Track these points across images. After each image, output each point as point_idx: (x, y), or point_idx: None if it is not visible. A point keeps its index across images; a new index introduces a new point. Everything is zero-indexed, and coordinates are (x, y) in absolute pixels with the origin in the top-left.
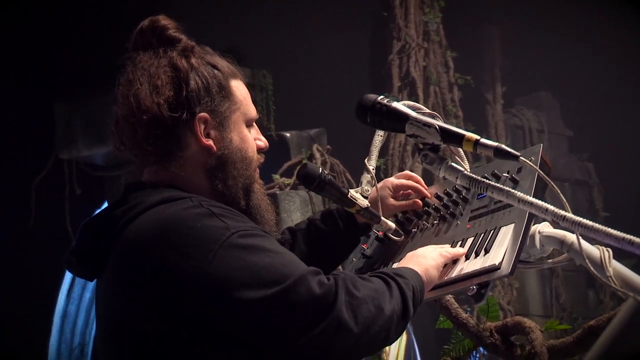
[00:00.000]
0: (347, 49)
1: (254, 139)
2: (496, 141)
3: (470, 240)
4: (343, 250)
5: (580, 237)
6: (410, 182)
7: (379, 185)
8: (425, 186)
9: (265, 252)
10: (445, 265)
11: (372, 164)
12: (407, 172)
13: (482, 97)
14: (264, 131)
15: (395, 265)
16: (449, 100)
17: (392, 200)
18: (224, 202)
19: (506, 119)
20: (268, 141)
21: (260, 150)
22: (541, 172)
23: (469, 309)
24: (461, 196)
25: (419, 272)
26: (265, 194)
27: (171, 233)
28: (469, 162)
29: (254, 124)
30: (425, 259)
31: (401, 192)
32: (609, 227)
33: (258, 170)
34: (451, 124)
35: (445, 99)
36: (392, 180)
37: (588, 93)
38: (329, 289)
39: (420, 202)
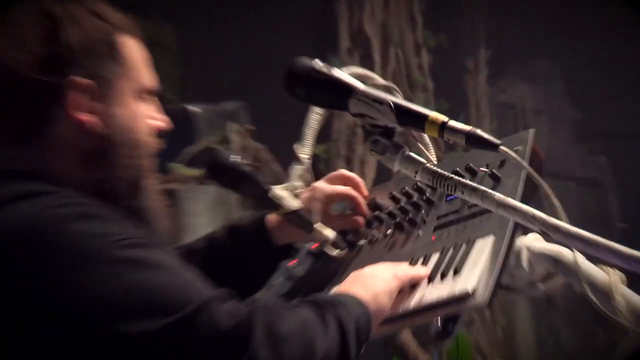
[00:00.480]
0: None
1: (149, 117)
2: (476, 124)
3: (435, 257)
4: (255, 279)
5: (578, 255)
6: (346, 190)
7: (307, 193)
8: (365, 191)
9: (156, 268)
10: (400, 291)
11: (306, 151)
12: (341, 172)
13: (460, 64)
14: (163, 105)
15: (334, 290)
16: (416, 67)
17: (328, 210)
18: (103, 200)
19: (492, 94)
20: (169, 119)
21: (158, 131)
22: (529, 168)
23: (435, 351)
24: (424, 198)
25: (365, 299)
26: (160, 191)
27: (26, 242)
28: (440, 152)
29: (152, 96)
30: (373, 282)
31: (336, 201)
32: (625, 241)
33: (153, 160)
34: (417, 100)
35: (410, 65)
36: (323, 188)
37: (601, 61)
38: (241, 322)
39: (360, 220)
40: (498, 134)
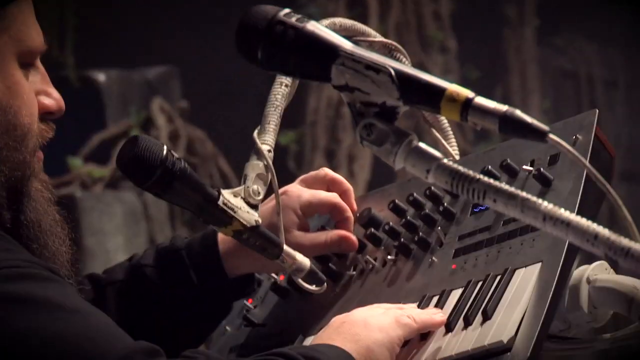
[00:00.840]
0: None
1: (35, 92)
2: (520, 101)
3: (455, 295)
4: (199, 323)
5: None
6: (332, 199)
7: (269, 208)
8: (353, 205)
9: (52, 310)
10: (406, 343)
11: (267, 139)
12: (325, 171)
13: (497, 11)
14: (55, 72)
15: (310, 341)
16: (430, 16)
17: (299, 238)
18: None
19: (543, 57)
20: (64, 94)
21: (47, 114)
22: (590, 167)
23: None
24: (440, 209)
25: (354, 354)
26: (52, 199)
27: None
28: (465, 144)
29: (38, 62)
30: (367, 331)
31: (316, 213)
32: None
33: (41, 155)
34: (433, 65)
35: (422, 14)
36: (299, 193)
37: None
38: None
39: (352, 238)
40: (553, 117)
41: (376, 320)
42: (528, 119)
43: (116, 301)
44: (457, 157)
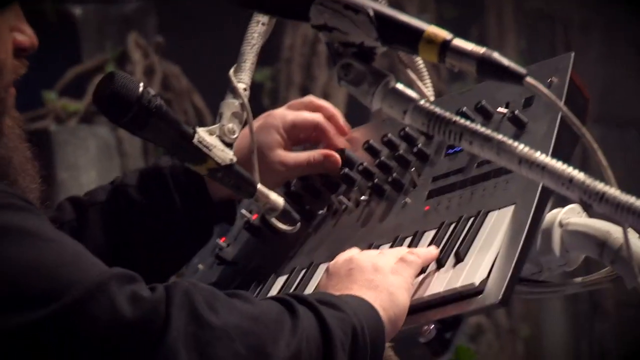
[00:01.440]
0: None
1: (9, 28)
2: (496, 43)
3: (428, 236)
4: (181, 247)
5: (632, 235)
6: (316, 118)
7: (258, 122)
8: (345, 127)
9: (27, 238)
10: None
11: (243, 78)
12: (310, 97)
13: None
14: (31, 6)
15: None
16: None
17: (282, 156)
18: None
19: None
20: (40, 27)
21: (20, 50)
22: (565, 109)
23: None
24: (415, 150)
25: (377, 301)
26: (23, 136)
27: None
28: (441, 84)
29: None
30: (381, 275)
31: (300, 136)
32: None
33: (13, 91)
34: (411, 5)
35: None
36: (283, 113)
37: None
38: (152, 308)
39: (336, 156)
40: (528, 59)
41: (385, 263)
42: (505, 61)
43: (98, 222)
44: (432, 99)
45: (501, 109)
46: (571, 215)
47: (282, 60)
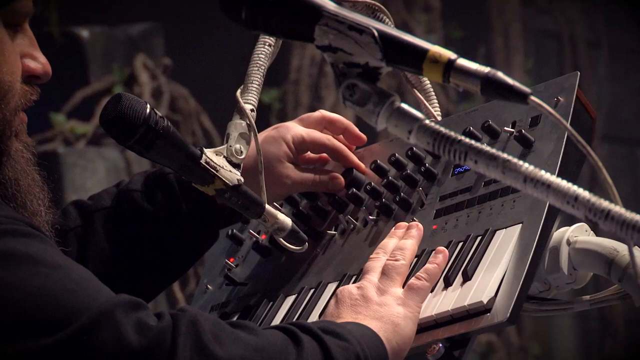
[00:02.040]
0: None
1: (20, 54)
2: (503, 62)
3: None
4: (186, 251)
5: (637, 253)
6: (324, 139)
7: (269, 133)
8: (361, 136)
9: (32, 265)
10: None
11: (250, 99)
12: (322, 112)
13: None
14: (38, 28)
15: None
16: None
17: (289, 170)
18: None
19: (526, 17)
20: (47, 50)
21: (31, 77)
22: (570, 129)
23: None
24: (422, 169)
25: (381, 331)
26: (32, 160)
27: None
28: (449, 104)
29: (27, 26)
30: (387, 306)
31: (308, 153)
32: None
33: (24, 117)
34: (416, 25)
35: None
36: (294, 127)
37: None
38: (158, 337)
39: (341, 179)
40: (535, 78)
41: (391, 293)
42: (510, 80)
43: (104, 227)
44: (439, 118)
45: (507, 128)
46: (579, 233)
47: (289, 81)
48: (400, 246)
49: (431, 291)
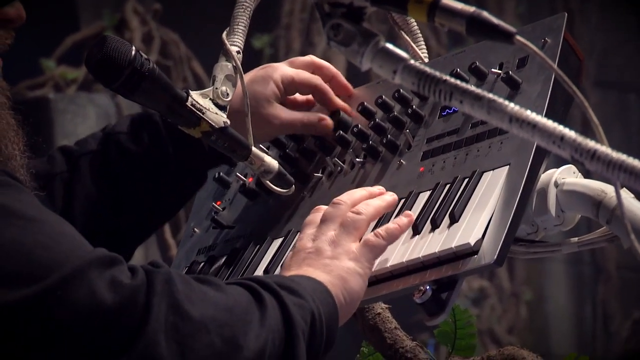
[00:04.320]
0: None
1: None
2: (495, 4)
3: (423, 198)
4: (174, 193)
5: (626, 194)
6: (313, 79)
7: (257, 72)
8: (348, 86)
9: (6, 217)
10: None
11: (236, 41)
12: (312, 57)
13: None
14: None
15: (277, 272)
16: None
17: (278, 109)
18: None
19: None
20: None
21: (5, 21)
22: (556, 69)
23: (431, 343)
24: (409, 111)
25: (328, 285)
26: (6, 104)
27: None
28: (438, 46)
29: None
30: (338, 260)
31: (296, 95)
32: None
33: (0, 61)
34: None
35: None
36: (284, 67)
37: None
38: (132, 295)
39: (330, 121)
40: (527, 22)
41: (344, 247)
42: (495, 20)
43: (90, 171)
44: (426, 60)
45: (495, 70)
46: (567, 175)
47: (281, 27)
48: (368, 202)
49: (418, 233)
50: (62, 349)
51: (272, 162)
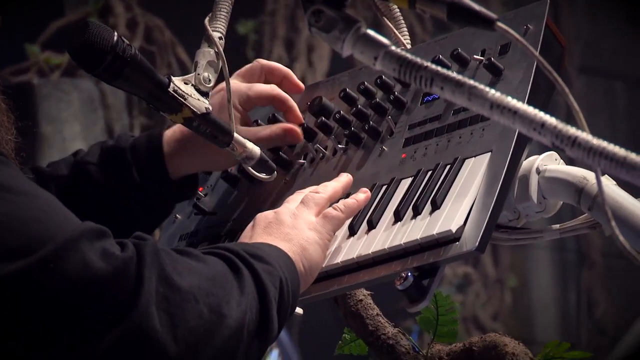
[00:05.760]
0: None
1: None
2: None
3: (405, 184)
4: (138, 225)
5: (607, 181)
6: (268, 91)
7: (212, 99)
8: (299, 85)
9: (1, 191)
10: (354, 233)
11: (218, 26)
12: (260, 62)
13: None
14: None
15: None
16: None
17: (241, 130)
18: None
19: None
20: None
21: None
22: (536, 54)
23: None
24: (391, 98)
25: (289, 252)
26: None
27: None
28: (423, 33)
29: None
30: (297, 230)
31: (253, 106)
32: None
33: None
34: None
35: None
36: (237, 87)
37: None
38: (124, 266)
39: (297, 130)
40: (513, 6)
41: (304, 218)
42: (475, 6)
43: (58, 196)
44: (409, 46)
45: (477, 56)
46: (548, 162)
47: (266, 13)
48: (325, 184)
49: (400, 220)
50: (57, 319)
51: (254, 149)
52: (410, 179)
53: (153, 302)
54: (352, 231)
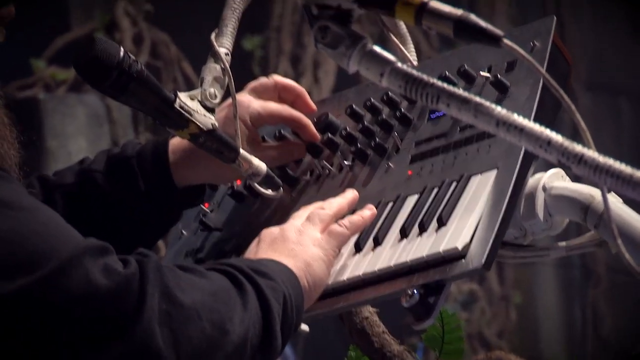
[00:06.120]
0: None
1: None
2: (487, 7)
3: (411, 201)
4: (144, 233)
5: (613, 198)
6: (281, 111)
7: (223, 112)
8: (312, 105)
9: (5, 208)
10: (360, 250)
11: (225, 42)
12: (275, 78)
13: None
14: None
15: (251, 254)
16: None
17: (248, 147)
18: None
19: None
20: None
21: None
22: (544, 72)
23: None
24: (397, 114)
25: (294, 269)
26: (2, 103)
27: None
28: (429, 49)
29: None
30: (302, 246)
31: (264, 124)
32: None
33: None
34: None
35: None
36: (249, 102)
37: None
38: (126, 282)
39: (304, 148)
40: (520, 24)
41: (309, 235)
42: (482, 23)
43: (64, 205)
44: (415, 63)
45: (483, 73)
46: (555, 179)
47: (272, 29)
48: (330, 200)
49: (406, 237)
50: (60, 335)
51: (260, 165)
52: (416, 196)
53: (156, 318)
54: (358, 248)
